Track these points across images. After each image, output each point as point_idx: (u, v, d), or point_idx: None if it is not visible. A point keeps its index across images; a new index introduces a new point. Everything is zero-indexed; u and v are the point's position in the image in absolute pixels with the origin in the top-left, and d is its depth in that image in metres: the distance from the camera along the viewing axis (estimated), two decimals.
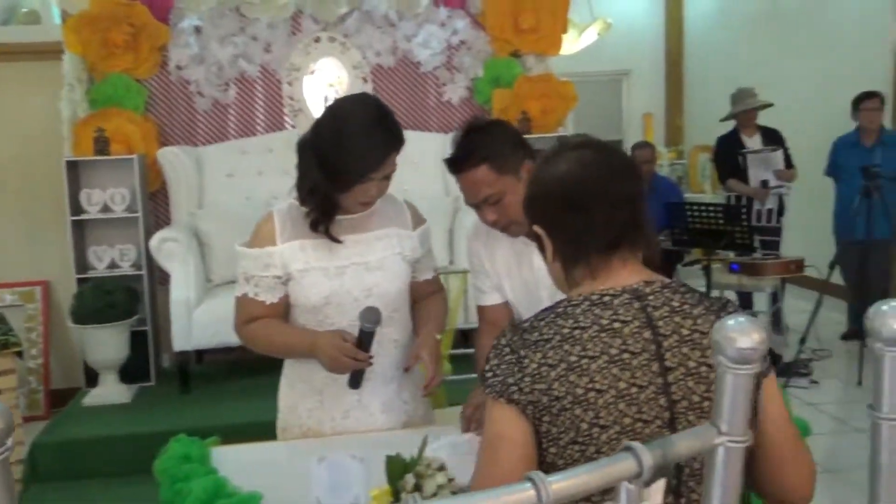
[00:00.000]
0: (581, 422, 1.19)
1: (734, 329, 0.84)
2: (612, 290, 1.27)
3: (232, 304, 4.27)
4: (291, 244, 2.00)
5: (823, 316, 4.94)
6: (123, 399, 4.28)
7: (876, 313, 0.86)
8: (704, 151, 8.30)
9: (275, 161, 5.00)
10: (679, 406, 1.22)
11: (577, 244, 1.31)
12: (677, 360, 1.23)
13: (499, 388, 1.23)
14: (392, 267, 2.05)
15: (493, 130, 1.98)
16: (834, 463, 3.80)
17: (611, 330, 1.22)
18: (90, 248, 4.66)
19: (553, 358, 1.21)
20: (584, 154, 1.34)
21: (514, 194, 1.91)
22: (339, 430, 2.11)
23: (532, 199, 1.38)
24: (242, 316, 2.09)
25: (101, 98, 4.80)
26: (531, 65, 5.33)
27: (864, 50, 6.46)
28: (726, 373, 0.83)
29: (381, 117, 1.93)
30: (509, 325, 1.32)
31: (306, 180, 1.96)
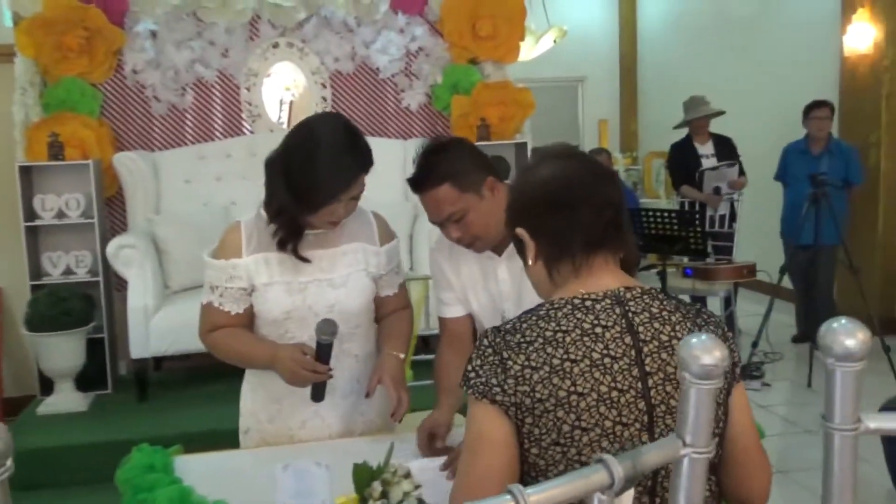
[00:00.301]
0: (563, 424, 1.21)
1: (698, 347, 0.88)
2: (595, 295, 1.30)
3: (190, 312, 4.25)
4: (256, 257, 2.01)
5: (774, 319, 5.07)
6: (80, 407, 4.22)
7: (827, 330, 0.91)
8: (659, 157, 8.44)
9: (233, 166, 4.98)
10: (658, 410, 1.25)
11: (562, 243, 1.34)
12: (656, 366, 1.26)
13: (482, 388, 1.25)
14: (355, 284, 2.06)
15: (454, 149, 1.98)
16: (785, 464, 3.91)
17: (593, 334, 1.25)
18: (44, 255, 4.59)
19: (536, 360, 1.23)
20: (566, 160, 1.40)
21: (477, 211, 1.94)
22: (296, 439, 2.14)
23: (515, 202, 1.42)
24: (207, 324, 2.09)
25: (54, 102, 4.73)
26: (489, 72, 5.38)
27: (814, 59, 6.64)
28: (691, 387, 0.87)
29: (350, 140, 1.93)
30: (492, 326, 1.33)
31: (274, 200, 1.95)
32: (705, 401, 0.86)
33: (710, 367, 0.87)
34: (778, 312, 5.18)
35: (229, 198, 4.92)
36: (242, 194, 4.92)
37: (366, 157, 1.95)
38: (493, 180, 1.96)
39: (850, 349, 0.90)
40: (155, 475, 1.92)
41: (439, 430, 1.97)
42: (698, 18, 8.47)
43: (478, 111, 5.16)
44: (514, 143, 5.27)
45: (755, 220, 6.48)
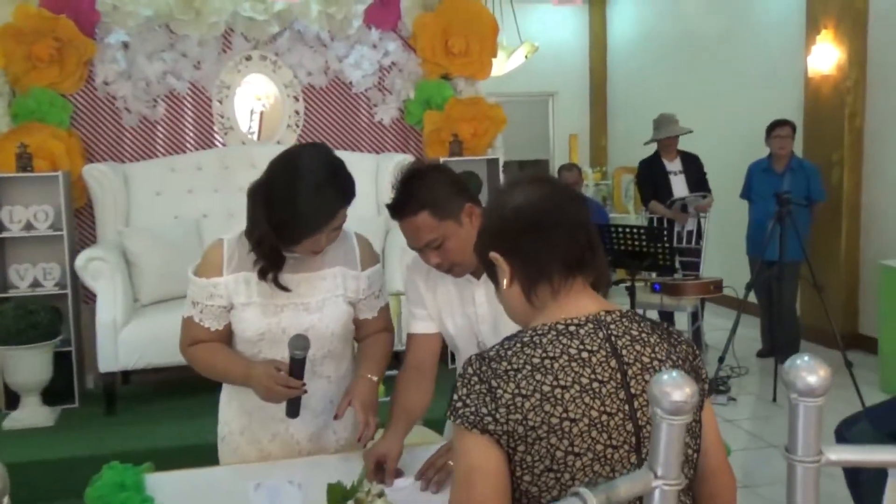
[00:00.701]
0: (556, 450, 1.22)
1: (669, 383, 0.92)
2: (577, 320, 1.32)
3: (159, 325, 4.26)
4: (237, 276, 2.03)
5: (740, 334, 5.15)
6: (46, 422, 4.17)
7: (791, 367, 0.95)
8: (628, 172, 8.54)
9: (204, 179, 4.97)
10: (644, 431, 1.28)
11: (539, 264, 1.37)
12: (640, 388, 1.29)
13: (472, 418, 1.25)
14: (331, 309, 2.07)
15: (432, 176, 1.98)
16: (750, 478, 3.97)
17: (580, 359, 1.27)
18: (11, 267, 4.54)
19: (526, 388, 1.24)
20: (538, 185, 1.42)
21: (456, 238, 1.95)
22: (265, 452, 2.15)
23: (489, 227, 1.44)
24: (187, 338, 2.10)
25: (23, 112, 4.69)
26: (461, 87, 5.42)
27: (778, 79, 6.78)
28: (662, 422, 0.91)
29: (333, 173, 1.93)
30: (474, 354, 1.34)
31: (255, 230, 1.96)
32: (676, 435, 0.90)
33: (681, 403, 0.90)
34: (744, 327, 5.26)
35: (200, 210, 4.91)
36: (214, 207, 4.91)
37: (348, 190, 1.96)
38: (471, 206, 1.97)
39: (811, 385, 0.94)
40: (126, 494, 1.91)
41: (388, 460, 1.93)
42: (667, 37, 8.61)
43: (450, 126, 5.21)
44: (487, 159, 5.32)
45: (722, 236, 6.60)
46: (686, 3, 8.19)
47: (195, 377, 2.16)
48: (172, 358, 4.11)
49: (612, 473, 1.24)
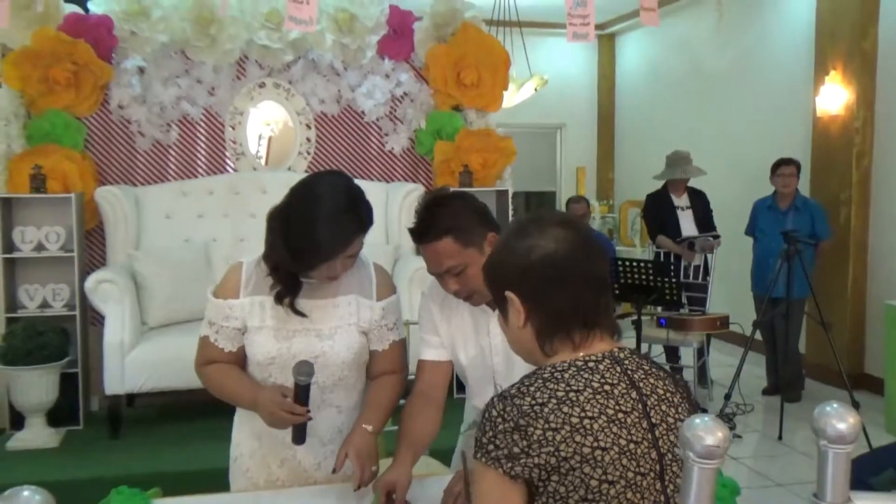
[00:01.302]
0: (591, 479, 1.24)
1: (701, 427, 0.92)
2: (594, 357, 1.35)
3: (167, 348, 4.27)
4: (253, 299, 2.04)
5: (746, 371, 5.14)
6: (51, 443, 4.17)
7: (821, 414, 0.96)
8: (635, 206, 8.56)
9: (215, 204, 5.00)
10: (666, 458, 1.32)
11: (562, 318, 1.37)
12: (659, 417, 1.33)
13: (503, 459, 1.26)
14: (343, 337, 2.07)
15: (457, 203, 2.00)
16: None
17: (603, 392, 1.30)
18: (21, 287, 4.56)
19: (555, 421, 1.26)
20: (566, 232, 1.40)
21: (477, 266, 1.91)
22: (274, 477, 2.15)
23: (510, 265, 1.41)
24: (202, 357, 2.12)
25: (37, 134, 4.73)
26: (472, 119, 5.47)
27: (787, 118, 6.82)
28: (693, 466, 0.91)
29: (351, 202, 1.95)
30: (495, 395, 1.33)
31: (273, 255, 1.98)
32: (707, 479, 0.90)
33: (713, 447, 0.91)
34: (750, 364, 5.25)
35: (210, 235, 4.93)
36: (223, 231, 4.93)
37: (365, 218, 1.97)
38: (493, 235, 1.98)
39: (842, 432, 0.94)
40: None
41: (398, 489, 1.92)
42: (675, 72, 8.67)
43: (460, 157, 5.24)
44: (496, 190, 5.35)
45: (729, 272, 6.60)
46: (695, 39, 8.26)
47: (200, 401, 2.16)
48: (178, 381, 4.14)
49: (642, 500, 1.27)
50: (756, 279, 5.98)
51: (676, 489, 1.31)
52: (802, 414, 5.55)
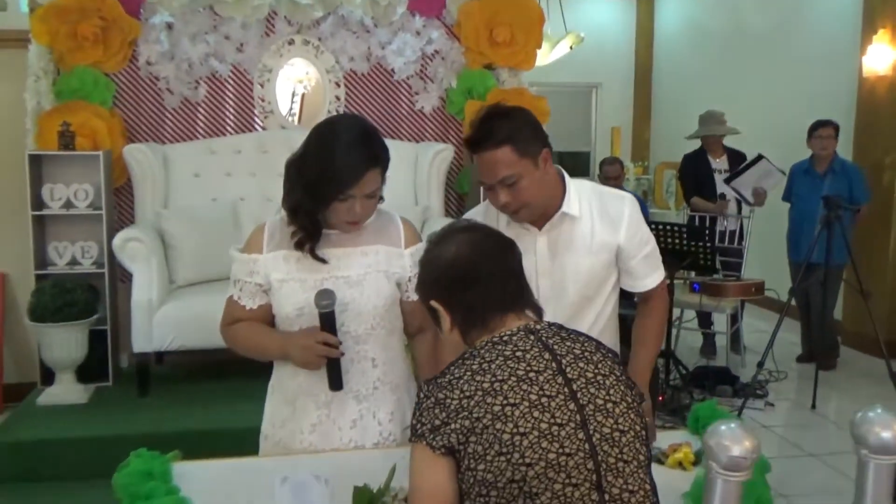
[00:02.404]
0: (503, 434, 1.33)
1: (727, 436, 0.84)
2: (509, 331, 1.47)
3: (194, 307, 4.27)
4: (276, 254, 2.05)
5: (780, 337, 5.02)
6: (80, 399, 4.20)
7: (862, 419, 0.87)
8: (670, 168, 8.40)
9: (243, 162, 4.96)
10: (587, 408, 1.39)
11: (475, 313, 1.50)
12: (576, 373, 1.42)
13: (428, 434, 1.38)
14: (372, 284, 2.05)
15: (517, 115, 2.03)
16: (785, 488, 3.87)
17: (514, 358, 1.41)
18: (51, 244, 4.57)
19: (469, 390, 1.37)
20: (469, 235, 1.56)
21: (531, 178, 2.00)
22: (307, 444, 2.11)
23: (427, 278, 1.57)
24: (227, 317, 2.13)
25: (66, 90, 4.71)
26: (504, 78, 5.34)
27: (831, 78, 6.59)
28: (717, 478, 0.84)
29: (364, 135, 1.96)
30: (423, 381, 1.47)
31: (290, 198, 1.99)
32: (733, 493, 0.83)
33: (740, 458, 0.83)
34: (784, 331, 5.13)
35: (238, 193, 4.90)
36: (251, 190, 4.90)
37: (379, 153, 1.96)
38: (547, 152, 2.04)
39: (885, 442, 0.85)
40: (152, 483, 1.89)
41: None
42: (716, 29, 8.42)
43: None
44: None
45: (765, 237, 6.44)
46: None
47: (228, 360, 2.17)
48: (206, 340, 4.13)
49: (561, 448, 1.34)
50: (792, 245, 5.84)
51: (603, 438, 1.37)
52: (837, 382, 5.44)
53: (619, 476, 1.36)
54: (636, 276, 2.22)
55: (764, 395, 5.15)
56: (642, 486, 1.38)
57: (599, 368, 1.45)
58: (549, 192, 2.10)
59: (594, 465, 1.34)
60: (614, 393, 1.43)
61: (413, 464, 1.41)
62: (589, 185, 2.24)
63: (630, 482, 1.37)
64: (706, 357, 6.01)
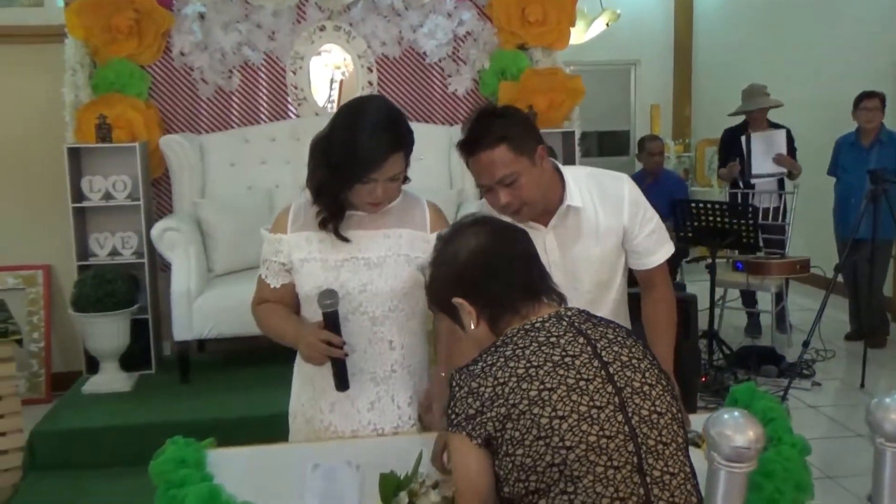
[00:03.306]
0: (541, 418, 1.33)
1: (730, 425, 0.80)
2: (540, 318, 1.47)
3: (232, 295, 4.32)
4: (300, 234, 2.07)
5: (828, 315, 4.91)
6: (124, 387, 4.27)
7: (878, 406, 0.82)
8: (712, 145, 8.24)
9: (277, 150, 4.98)
10: (625, 391, 1.39)
11: (503, 302, 1.50)
12: (611, 357, 1.42)
13: (464, 423, 1.38)
14: (392, 266, 2.05)
15: (510, 113, 2.03)
16: (832, 469, 3.78)
17: (549, 344, 1.41)
18: (91, 235, 4.64)
19: (502, 377, 1.37)
20: (480, 227, 1.55)
21: (529, 176, 1.99)
22: (327, 423, 2.14)
23: (446, 276, 1.55)
24: (256, 296, 2.17)
25: (103, 83, 4.76)
26: (538, 58, 5.27)
27: (873, 49, 6.40)
28: (720, 470, 0.79)
29: (389, 119, 1.95)
30: (454, 370, 1.45)
31: (314, 178, 2.00)
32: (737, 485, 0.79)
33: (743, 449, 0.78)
34: (831, 308, 5.01)
35: (273, 181, 4.92)
36: (286, 178, 4.91)
37: (403, 136, 1.96)
38: (543, 149, 2.02)
39: None
40: (186, 471, 1.90)
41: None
42: (757, 3, 8.21)
43: (526, 98, 5.06)
44: (562, 132, 5.17)
45: (809, 213, 6.29)
46: None
47: (267, 347, 2.21)
48: (245, 328, 4.16)
49: (601, 431, 1.33)
50: (838, 220, 5.69)
51: (642, 420, 1.37)
52: (887, 361, 5.30)
53: (659, 458, 1.35)
54: (643, 253, 2.21)
55: (811, 374, 5.05)
56: (682, 469, 1.36)
57: (633, 352, 1.46)
58: (547, 187, 2.09)
59: (634, 448, 1.33)
60: (650, 376, 1.43)
61: (454, 455, 1.42)
62: (585, 172, 2.22)
63: (670, 464, 1.36)
64: (751, 337, 5.90)
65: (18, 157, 4.95)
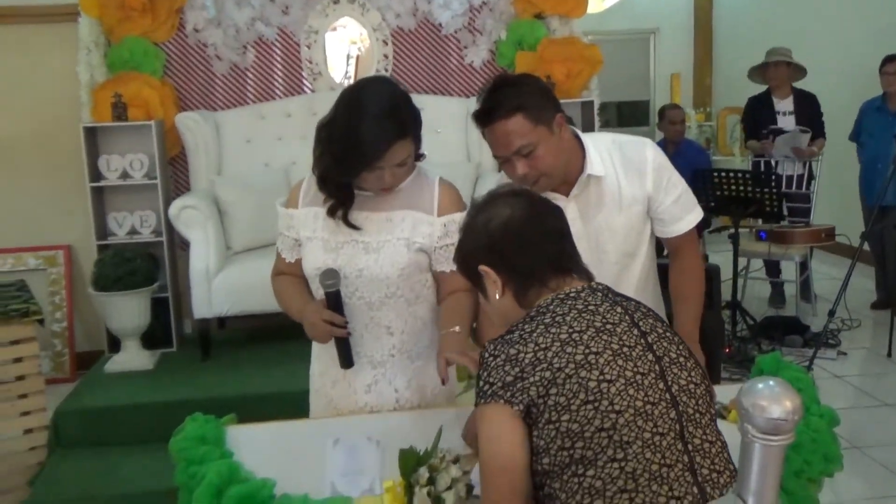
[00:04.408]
0: (589, 381, 1.31)
1: (765, 395, 0.76)
2: (574, 289, 1.47)
3: (251, 273, 4.32)
4: (308, 210, 2.05)
5: (853, 284, 4.83)
6: (146, 366, 4.28)
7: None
8: (733, 113, 8.13)
9: (293, 126, 4.94)
10: (664, 360, 1.39)
11: (532, 275, 1.48)
12: (648, 327, 1.43)
13: (500, 391, 1.34)
14: (390, 252, 2.00)
15: (525, 82, 1.98)
16: (859, 439, 3.74)
17: (588, 311, 1.41)
18: (110, 215, 4.64)
19: (544, 342, 1.35)
20: (515, 199, 1.53)
21: (547, 145, 1.94)
22: (329, 398, 2.16)
23: (476, 243, 1.53)
24: (274, 269, 2.19)
25: (118, 62, 4.74)
26: (555, 27, 5.18)
27: None
28: (754, 443, 0.75)
29: (390, 105, 1.89)
30: (488, 341, 1.41)
31: (318, 165, 1.98)
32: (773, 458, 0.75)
33: (780, 420, 0.74)
34: (858, 277, 4.93)
35: (289, 158, 4.89)
36: (302, 154, 4.84)
37: (406, 123, 1.90)
38: (561, 117, 1.97)
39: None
40: (206, 448, 1.90)
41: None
42: None
43: (543, 68, 4.99)
44: (581, 102, 5.09)
45: (834, 180, 6.19)
46: None
47: (288, 325, 2.23)
48: (264, 305, 4.16)
49: (646, 397, 1.33)
50: (864, 187, 5.59)
51: (681, 389, 1.37)
52: None
53: (698, 427, 1.35)
54: (668, 220, 2.15)
55: (836, 344, 4.98)
56: (718, 438, 1.37)
57: (666, 328, 1.47)
58: (567, 157, 2.04)
59: (676, 415, 1.34)
60: (683, 349, 1.44)
61: (487, 427, 1.36)
62: (608, 138, 2.16)
63: (708, 433, 1.36)
64: (775, 307, 5.83)
65: (36, 139, 4.95)
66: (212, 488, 1.75)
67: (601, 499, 1.27)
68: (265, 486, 1.73)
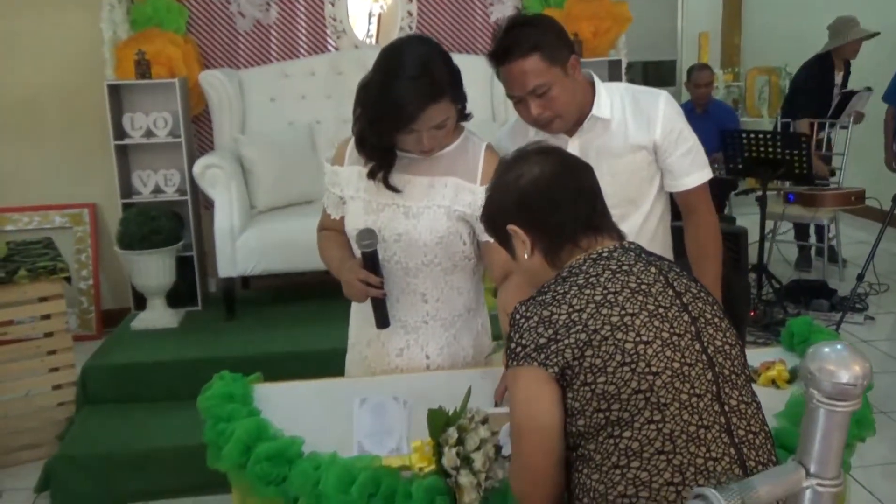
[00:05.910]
0: (625, 343, 1.29)
1: (832, 360, 0.72)
2: (606, 248, 1.43)
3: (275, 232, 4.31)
4: (352, 168, 2.05)
5: (882, 248, 4.76)
6: (171, 324, 4.31)
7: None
8: (763, 73, 7.97)
9: (317, 85, 4.90)
10: (699, 321, 1.37)
11: (563, 234, 1.44)
12: (682, 288, 1.41)
13: (533, 353, 1.32)
14: (430, 217, 1.98)
15: (542, 22, 1.98)
16: (887, 404, 3.70)
17: (622, 271, 1.38)
18: (134, 173, 4.64)
19: (578, 304, 1.33)
20: (547, 157, 1.49)
21: (562, 86, 1.94)
22: (364, 355, 2.18)
23: (506, 200, 1.49)
24: (319, 223, 2.22)
25: (141, 19, 4.71)
26: None
27: None
28: (819, 408, 0.72)
29: (424, 67, 1.84)
30: (519, 302, 1.40)
31: (356, 127, 1.96)
32: (838, 424, 0.72)
33: (848, 386, 0.71)
34: (888, 241, 4.86)
35: (313, 116, 4.85)
36: (326, 113, 4.84)
37: (442, 85, 1.85)
38: (575, 59, 1.98)
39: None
40: (233, 405, 1.91)
41: None
42: None
43: (570, 25, 4.88)
44: (609, 60, 5.00)
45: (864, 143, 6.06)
46: None
47: (312, 284, 2.26)
48: (288, 264, 4.18)
49: (683, 358, 1.31)
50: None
51: (717, 350, 1.36)
52: None
53: (734, 388, 1.35)
54: (677, 174, 2.13)
55: (864, 308, 4.92)
56: (754, 399, 1.38)
57: (700, 287, 1.46)
58: (580, 99, 2.03)
59: (713, 376, 1.33)
60: (717, 310, 1.42)
61: (520, 390, 1.34)
62: (622, 86, 2.16)
63: (744, 394, 1.37)
64: (802, 270, 5.76)
65: (60, 96, 4.93)
66: (240, 445, 1.76)
67: (638, 460, 1.26)
68: (294, 444, 1.74)
